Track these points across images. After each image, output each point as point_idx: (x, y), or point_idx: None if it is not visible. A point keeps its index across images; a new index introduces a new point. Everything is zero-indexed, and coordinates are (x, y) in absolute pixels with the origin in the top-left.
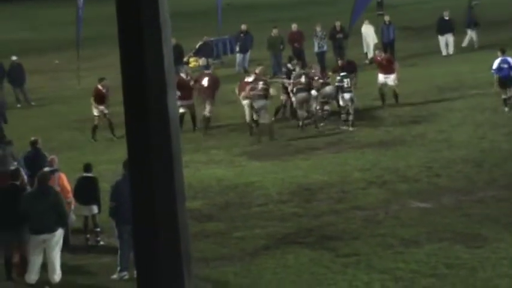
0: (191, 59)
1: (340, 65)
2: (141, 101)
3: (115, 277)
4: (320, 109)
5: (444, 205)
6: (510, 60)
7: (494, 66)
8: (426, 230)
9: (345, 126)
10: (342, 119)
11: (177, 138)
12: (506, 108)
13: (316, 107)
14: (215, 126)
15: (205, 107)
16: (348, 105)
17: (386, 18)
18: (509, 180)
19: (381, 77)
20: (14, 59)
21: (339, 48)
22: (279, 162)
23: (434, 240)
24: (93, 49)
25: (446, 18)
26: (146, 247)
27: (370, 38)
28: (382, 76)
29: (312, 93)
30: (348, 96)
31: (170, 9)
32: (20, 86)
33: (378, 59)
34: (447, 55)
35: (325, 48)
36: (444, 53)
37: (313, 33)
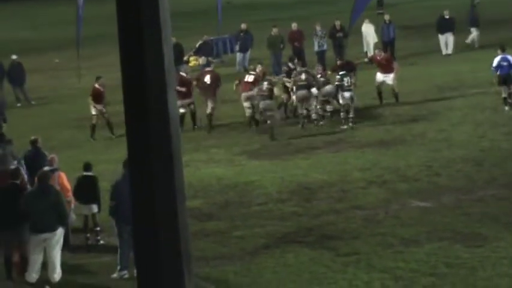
0: (191, 58)
1: (338, 64)
2: (141, 101)
3: (115, 276)
4: (321, 108)
5: (444, 204)
6: (510, 58)
7: (494, 64)
8: (426, 229)
9: (344, 125)
10: (342, 117)
11: (177, 138)
12: (507, 107)
13: (316, 105)
14: (215, 125)
15: (208, 104)
16: (348, 104)
17: (387, 17)
18: (509, 179)
19: (379, 75)
20: (14, 58)
21: (339, 47)
22: (278, 161)
23: (434, 239)
24: (93, 48)
25: (447, 17)
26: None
27: (370, 37)
28: (381, 75)
29: (313, 91)
30: (348, 94)
31: (170, 9)
32: (20, 85)
33: (378, 58)
34: (447, 54)
35: (325, 47)
36: (444, 52)
37: (313, 32)
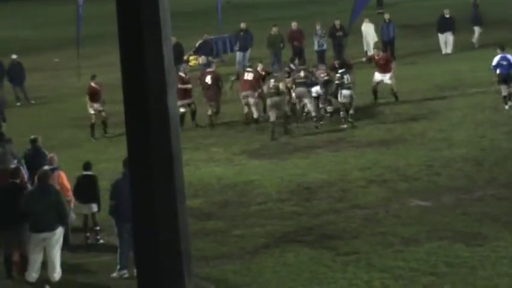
0: (191, 58)
1: (337, 65)
2: (141, 101)
3: (115, 275)
4: (322, 108)
5: (444, 204)
6: (509, 57)
7: (494, 63)
8: (426, 229)
9: (344, 124)
10: (342, 116)
11: (177, 138)
12: (507, 106)
13: (318, 104)
14: (215, 123)
15: (211, 104)
16: (348, 102)
17: (386, 17)
18: (509, 178)
19: (377, 75)
20: (13, 57)
21: (338, 46)
22: (278, 161)
23: (434, 238)
24: (93, 47)
25: (447, 16)
26: (146, 246)
27: (370, 36)
28: (379, 75)
29: (315, 90)
30: (348, 92)
31: (170, 9)
32: (20, 84)
33: (376, 58)
34: (446, 54)
35: (325, 46)
36: (444, 51)
37: (313, 32)
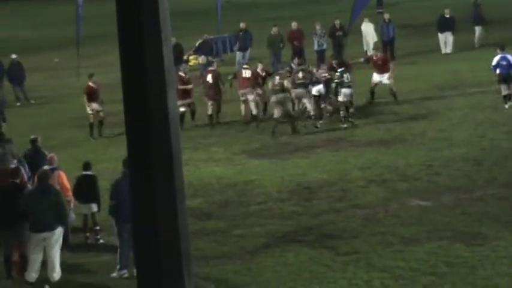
0: (191, 57)
1: (334, 65)
2: (141, 100)
3: (114, 275)
4: (324, 107)
5: (444, 203)
6: (509, 57)
7: (494, 63)
8: (426, 229)
9: (345, 123)
10: (342, 115)
11: (177, 137)
12: (506, 105)
13: (319, 103)
14: (214, 123)
15: (212, 103)
16: (348, 101)
17: (386, 16)
18: (509, 178)
19: (375, 76)
20: (13, 57)
21: (338, 46)
22: (278, 160)
23: (434, 238)
24: (93, 47)
25: (447, 16)
26: (146, 246)
27: (369, 36)
28: (377, 76)
29: (317, 89)
30: (348, 91)
31: (170, 9)
32: (20, 84)
33: (374, 58)
34: (446, 53)
35: (324, 46)
36: (443, 51)
37: (312, 32)
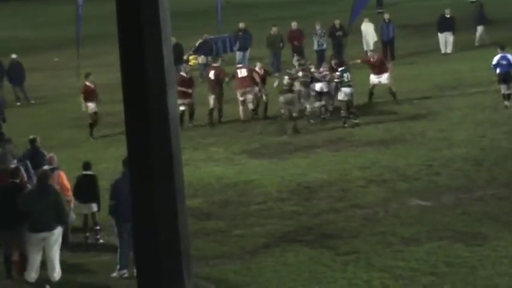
0: (191, 57)
1: (334, 65)
2: (141, 101)
3: (114, 275)
4: (323, 107)
5: (444, 203)
6: (509, 56)
7: (494, 62)
8: (426, 229)
9: (346, 124)
10: (342, 115)
11: (177, 137)
12: (506, 102)
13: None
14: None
15: (213, 98)
16: (348, 100)
17: (386, 16)
18: (509, 178)
19: (373, 77)
20: (13, 57)
21: (338, 46)
22: (278, 160)
23: (434, 238)
24: (93, 47)
25: (447, 16)
26: (146, 246)
27: (369, 36)
28: (374, 77)
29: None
30: (349, 90)
31: (170, 9)
32: (20, 84)
33: (371, 60)
34: (445, 53)
35: (324, 46)
36: (443, 50)
37: (312, 31)
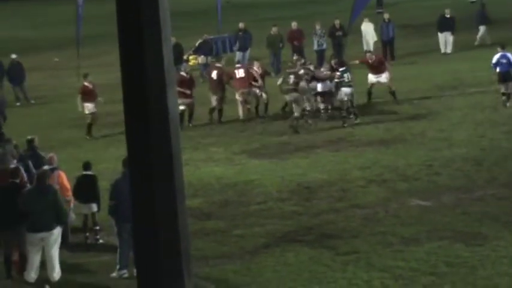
0: (191, 57)
1: (334, 64)
2: (141, 100)
3: (114, 275)
4: (324, 107)
5: (444, 203)
6: (509, 55)
7: (494, 61)
8: (426, 229)
9: (345, 124)
10: (342, 114)
11: (177, 137)
12: (508, 103)
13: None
14: (212, 123)
15: (215, 99)
16: (348, 100)
17: (386, 16)
18: (509, 178)
19: (371, 77)
20: (13, 57)
21: (338, 46)
22: (278, 160)
23: (434, 238)
24: (93, 47)
25: (447, 16)
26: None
27: (369, 35)
28: (373, 76)
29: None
30: (349, 90)
31: (170, 8)
32: (20, 84)
33: (369, 61)
34: (445, 53)
35: (324, 46)
36: (443, 50)
37: (312, 32)
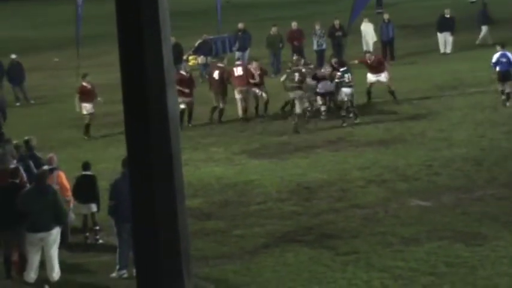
0: (190, 57)
1: (334, 63)
2: (141, 100)
3: (114, 275)
4: (322, 105)
5: (444, 203)
6: (509, 54)
7: (493, 60)
8: (426, 229)
9: (344, 123)
10: (342, 114)
11: (177, 137)
12: (508, 102)
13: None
14: (212, 123)
15: (218, 99)
16: (349, 100)
17: (386, 16)
18: (509, 178)
19: (370, 76)
20: (13, 57)
21: (338, 46)
22: (278, 160)
23: (434, 238)
24: (93, 47)
25: (447, 16)
26: (146, 246)
27: (369, 36)
28: (372, 76)
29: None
30: (349, 91)
31: (170, 8)
32: (20, 84)
33: (368, 61)
34: (445, 53)
35: (324, 46)
36: (442, 50)
37: (312, 32)
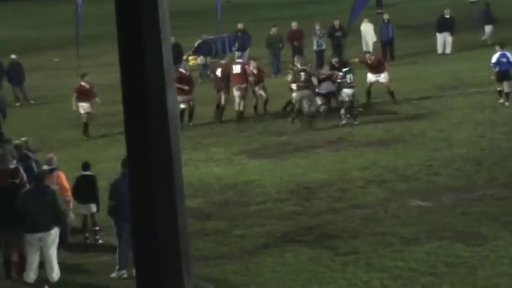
0: (190, 58)
1: (334, 63)
2: (141, 100)
3: (114, 275)
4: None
5: (444, 204)
6: (509, 54)
7: (493, 60)
8: (426, 229)
9: (343, 121)
10: (341, 113)
11: (177, 137)
12: (503, 100)
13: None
14: (212, 123)
15: (220, 96)
16: (350, 101)
17: (386, 17)
18: (509, 178)
19: (370, 76)
20: (13, 57)
21: (337, 46)
22: (278, 160)
23: (434, 238)
24: (93, 47)
25: (447, 17)
26: (146, 247)
27: (369, 36)
28: (372, 76)
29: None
30: (350, 91)
31: (169, 8)
32: (19, 84)
33: (368, 62)
34: (443, 53)
35: (324, 46)
36: (440, 51)
37: (312, 32)
